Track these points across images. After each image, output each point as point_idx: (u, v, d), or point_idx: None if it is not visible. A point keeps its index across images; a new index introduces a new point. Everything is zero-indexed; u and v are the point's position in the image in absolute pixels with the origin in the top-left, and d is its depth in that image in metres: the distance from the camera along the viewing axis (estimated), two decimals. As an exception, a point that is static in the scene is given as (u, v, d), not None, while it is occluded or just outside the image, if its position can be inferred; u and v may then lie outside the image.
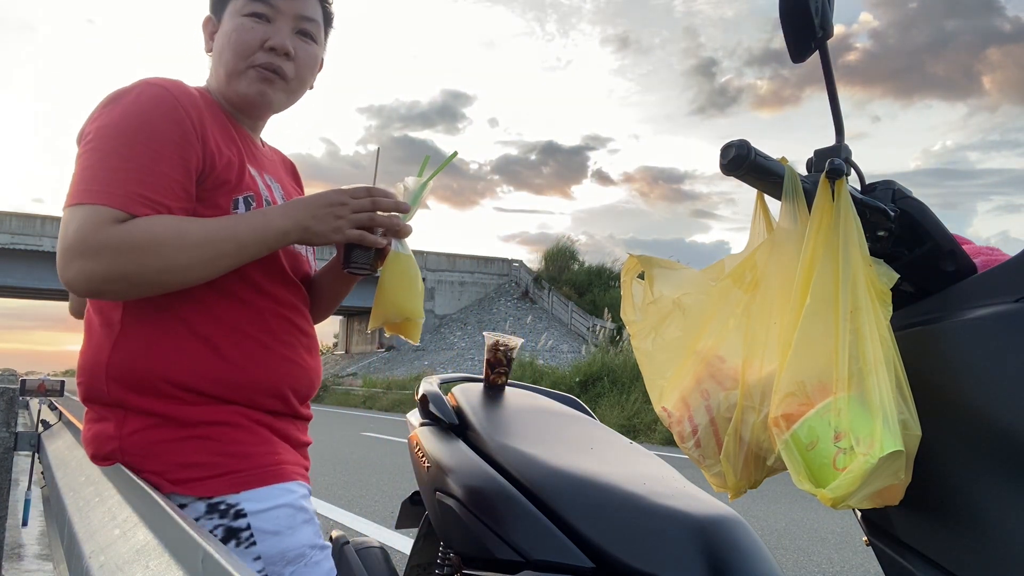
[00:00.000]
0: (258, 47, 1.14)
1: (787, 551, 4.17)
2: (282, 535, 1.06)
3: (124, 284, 1.00)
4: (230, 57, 1.15)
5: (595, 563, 1.12)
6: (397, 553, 3.60)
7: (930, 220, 0.86)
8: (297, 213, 1.07)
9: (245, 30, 1.14)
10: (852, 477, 0.73)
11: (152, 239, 0.99)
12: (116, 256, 0.98)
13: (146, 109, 1.05)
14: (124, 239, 0.98)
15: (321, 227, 1.07)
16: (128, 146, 1.02)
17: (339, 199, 1.08)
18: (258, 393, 1.11)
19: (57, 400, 3.26)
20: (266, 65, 1.14)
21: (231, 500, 1.04)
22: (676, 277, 1.02)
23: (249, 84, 1.15)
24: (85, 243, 0.98)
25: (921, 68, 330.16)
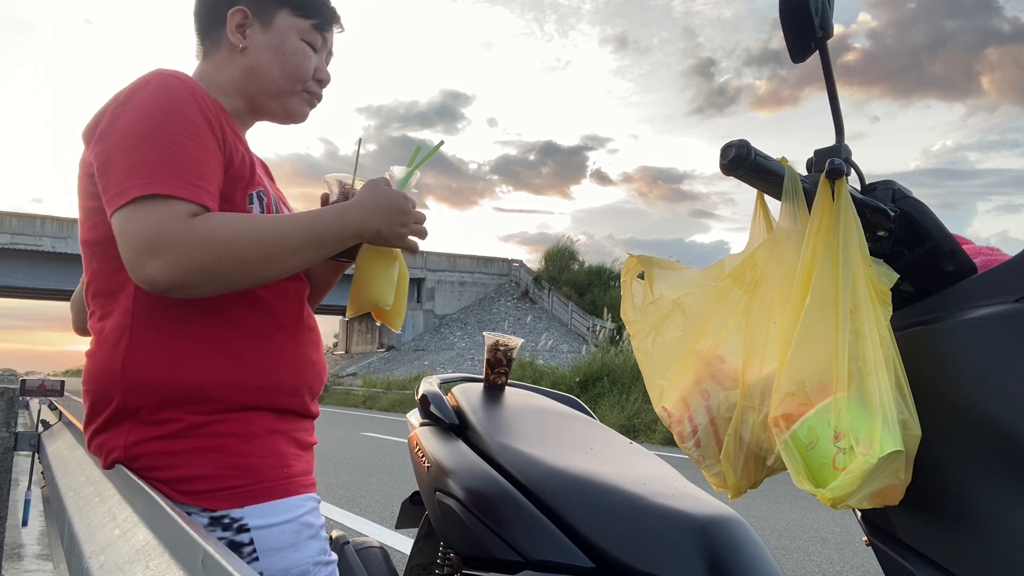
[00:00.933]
0: (311, 76, 1.22)
1: (787, 551, 4.17)
2: (285, 552, 1.05)
3: (203, 277, 0.97)
4: (287, 78, 1.20)
5: (595, 563, 1.12)
6: (397, 553, 3.60)
7: (930, 220, 0.86)
8: (372, 215, 1.09)
9: (306, 57, 1.21)
10: (852, 477, 0.73)
11: (226, 227, 0.99)
12: (197, 249, 0.96)
13: (175, 99, 1.04)
14: (197, 229, 0.97)
15: (390, 233, 1.10)
16: (175, 136, 1.01)
17: (405, 207, 1.12)
18: (275, 392, 1.10)
19: (57, 400, 3.27)
20: (315, 94, 1.25)
21: (235, 514, 1.03)
22: (676, 277, 1.02)
23: (299, 105, 1.23)
24: (163, 237, 0.96)
25: (920, 68, 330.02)
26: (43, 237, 29.52)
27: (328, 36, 1.25)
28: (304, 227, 1.05)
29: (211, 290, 1.01)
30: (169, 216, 0.97)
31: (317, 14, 1.23)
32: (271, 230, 1.02)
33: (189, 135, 1.02)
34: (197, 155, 1.02)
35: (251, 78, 1.19)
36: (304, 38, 1.21)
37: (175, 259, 0.96)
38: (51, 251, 29.63)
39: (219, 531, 1.02)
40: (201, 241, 0.97)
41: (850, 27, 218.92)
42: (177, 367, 1.05)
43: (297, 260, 1.05)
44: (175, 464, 1.04)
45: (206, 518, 1.03)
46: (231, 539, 1.02)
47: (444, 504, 1.36)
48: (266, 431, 1.09)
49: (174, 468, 1.04)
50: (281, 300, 1.14)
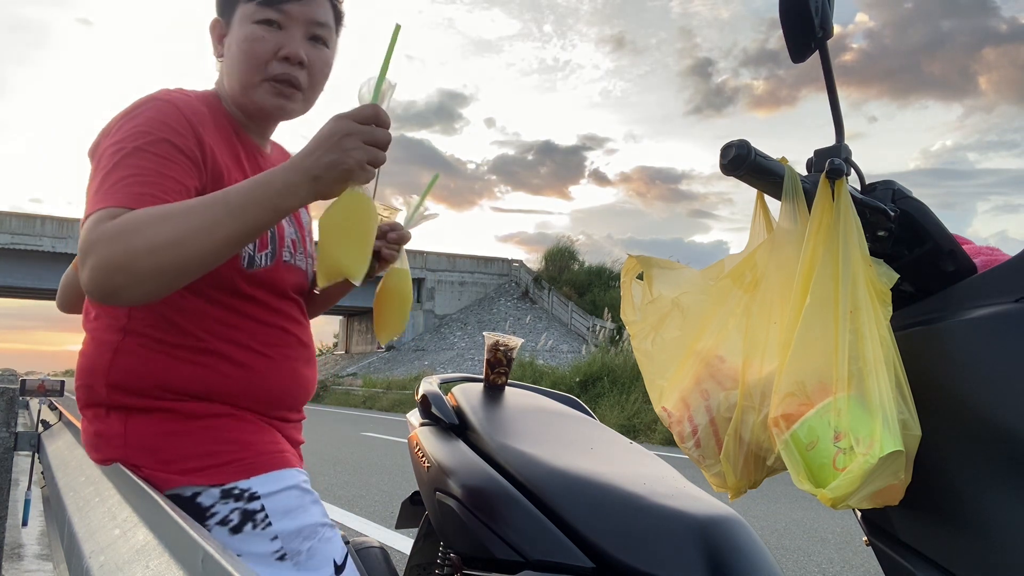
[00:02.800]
0: (271, 57, 1.10)
1: (787, 551, 4.17)
2: (295, 513, 1.09)
3: (124, 276, 0.90)
4: (243, 69, 1.11)
5: (595, 563, 1.12)
6: (397, 553, 3.60)
7: (930, 220, 0.87)
8: (299, 161, 0.93)
9: (257, 39, 1.10)
10: (852, 477, 0.73)
11: (135, 218, 0.92)
12: (107, 245, 0.91)
13: (155, 123, 1.03)
14: (112, 228, 0.91)
15: (331, 171, 0.92)
16: (137, 156, 0.99)
17: (342, 128, 0.92)
18: (258, 403, 1.13)
19: (57, 400, 3.27)
20: (280, 77, 1.11)
21: (243, 485, 1.06)
22: (675, 277, 1.02)
23: (265, 97, 1.12)
24: (86, 244, 0.93)
25: (917, 68, 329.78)
26: (43, 237, 29.52)
27: (294, 9, 1.10)
28: (214, 198, 0.94)
29: (139, 292, 0.92)
30: (94, 222, 0.93)
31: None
32: (183, 207, 0.93)
33: (154, 155, 1.00)
34: (157, 170, 0.99)
35: (228, 82, 1.15)
36: (256, 19, 1.10)
37: (93, 261, 0.91)
38: (51, 251, 29.63)
39: (232, 502, 1.05)
40: (112, 235, 0.91)
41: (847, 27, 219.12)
42: (161, 373, 1.07)
43: (218, 236, 0.91)
44: (175, 444, 1.07)
45: (217, 491, 1.05)
46: (244, 508, 1.05)
47: (444, 504, 1.36)
48: (253, 416, 1.13)
49: (175, 448, 1.06)
50: (273, 315, 1.15)
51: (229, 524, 1.04)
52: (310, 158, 0.92)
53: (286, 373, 1.16)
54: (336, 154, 0.91)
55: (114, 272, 0.90)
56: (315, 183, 0.92)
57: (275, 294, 1.16)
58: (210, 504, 1.04)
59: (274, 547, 1.06)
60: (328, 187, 0.93)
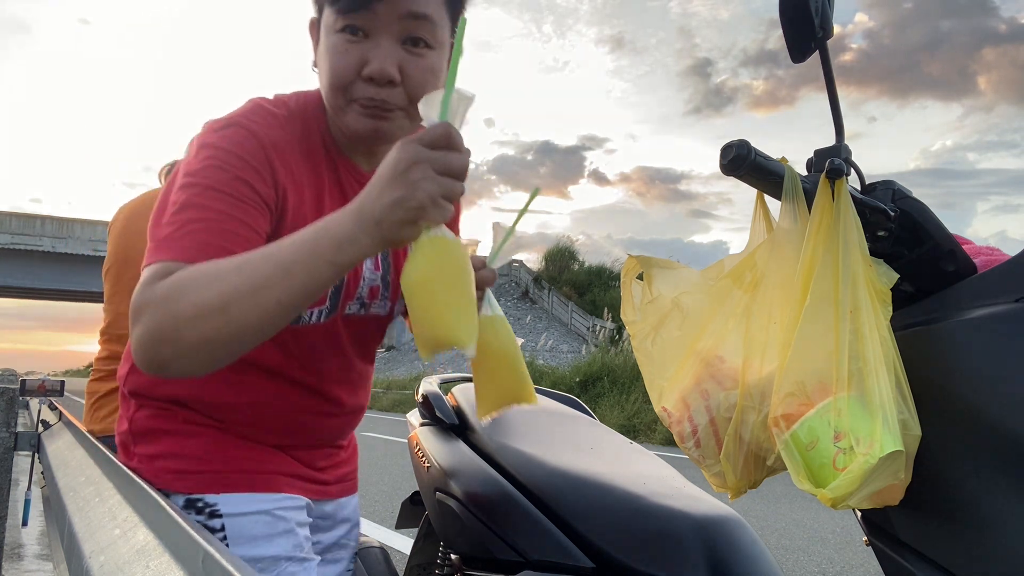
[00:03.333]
0: (355, 76, 0.92)
1: (787, 551, 4.17)
2: (257, 543, 1.02)
3: (170, 349, 0.79)
4: (327, 90, 0.96)
5: (595, 563, 1.12)
6: (397, 553, 3.60)
7: (930, 220, 0.87)
8: (359, 203, 0.76)
9: (338, 54, 0.92)
10: (852, 477, 0.73)
11: (184, 279, 0.80)
12: (153, 312, 0.79)
13: (230, 157, 0.91)
14: (160, 291, 0.80)
15: (397, 212, 0.74)
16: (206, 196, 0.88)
17: (408, 156, 0.74)
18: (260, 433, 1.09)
19: (57, 400, 3.26)
20: (368, 101, 0.93)
21: (209, 499, 1.02)
22: (675, 277, 1.02)
23: (356, 121, 0.95)
24: (133, 306, 0.81)
25: (917, 68, 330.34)
26: (43, 237, 29.50)
27: (380, 7, 0.90)
28: (271, 252, 0.79)
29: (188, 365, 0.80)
30: (146, 281, 0.82)
31: None
32: (232, 264, 0.80)
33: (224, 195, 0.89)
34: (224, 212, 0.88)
35: (324, 100, 1.00)
36: (338, 28, 0.93)
37: (140, 330, 0.80)
38: (51, 251, 29.62)
39: (192, 514, 1.02)
40: (159, 300, 0.80)
41: (847, 27, 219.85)
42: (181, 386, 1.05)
43: (267, 300, 0.77)
44: (163, 441, 1.06)
45: (182, 499, 1.02)
46: (204, 523, 1.01)
47: (444, 504, 1.36)
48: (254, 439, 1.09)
49: (164, 443, 1.05)
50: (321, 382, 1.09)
51: None
52: (370, 198, 0.76)
53: (300, 423, 1.10)
54: (402, 190, 0.74)
55: (159, 343, 0.79)
56: (378, 228, 0.75)
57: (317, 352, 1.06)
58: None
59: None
60: (396, 232, 0.75)
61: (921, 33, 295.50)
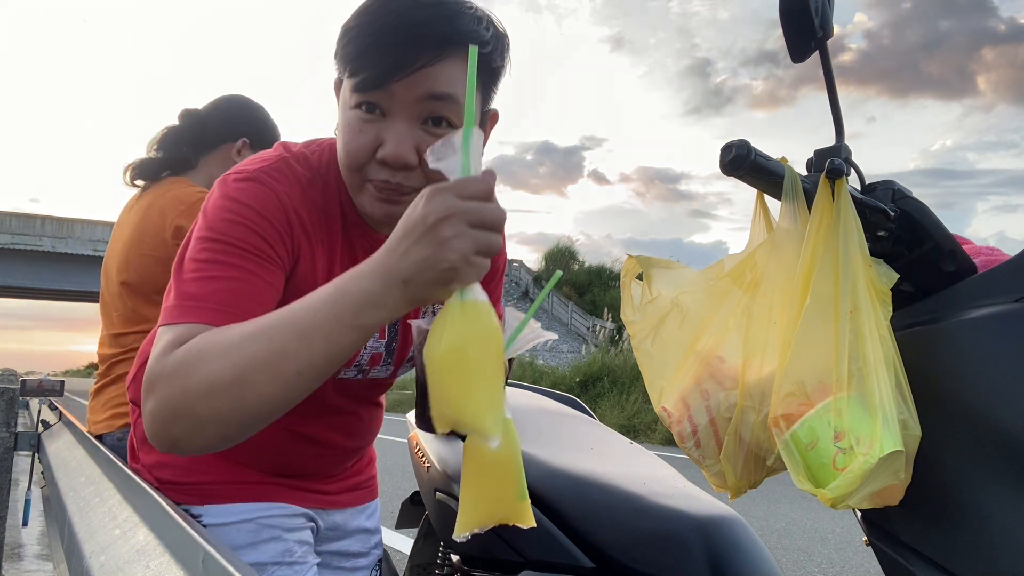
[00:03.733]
0: (369, 157, 0.87)
1: (787, 551, 4.17)
2: (241, 551, 1.02)
3: (184, 425, 0.74)
4: (343, 167, 0.90)
5: (595, 563, 1.12)
6: (397, 553, 3.60)
7: (930, 220, 0.87)
8: (383, 258, 0.70)
9: (354, 133, 0.87)
10: (852, 477, 0.73)
11: (198, 349, 0.75)
12: (166, 385, 0.75)
13: (252, 217, 0.86)
14: (171, 362, 0.75)
15: (427, 272, 0.67)
16: (223, 252, 0.84)
17: (439, 208, 0.66)
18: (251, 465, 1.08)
19: (57, 400, 3.27)
20: (382, 184, 0.86)
21: (195, 510, 1.03)
22: (675, 277, 1.02)
23: (371, 203, 0.89)
24: (147, 376, 0.77)
25: (916, 68, 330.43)
26: (43, 237, 29.51)
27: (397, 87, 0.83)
28: (287, 318, 0.73)
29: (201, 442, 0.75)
30: (161, 349, 0.78)
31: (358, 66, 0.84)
32: (247, 332, 0.74)
33: (244, 251, 0.85)
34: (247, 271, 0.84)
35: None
36: (353, 105, 0.87)
37: (152, 404, 0.76)
38: (51, 251, 29.63)
39: None
40: (171, 372, 0.75)
41: (846, 27, 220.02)
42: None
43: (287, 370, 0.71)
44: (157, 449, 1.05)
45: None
46: None
47: (444, 504, 1.36)
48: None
49: (155, 452, 1.06)
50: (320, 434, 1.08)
51: None
52: (395, 255, 0.69)
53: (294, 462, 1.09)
54: (432, 247, 0.66)
55: (171, 420, 0.75)
56: (406, 288, 0.69)
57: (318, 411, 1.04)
58: None
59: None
60: (424, 292, 0.69)
61: (920, 33, 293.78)
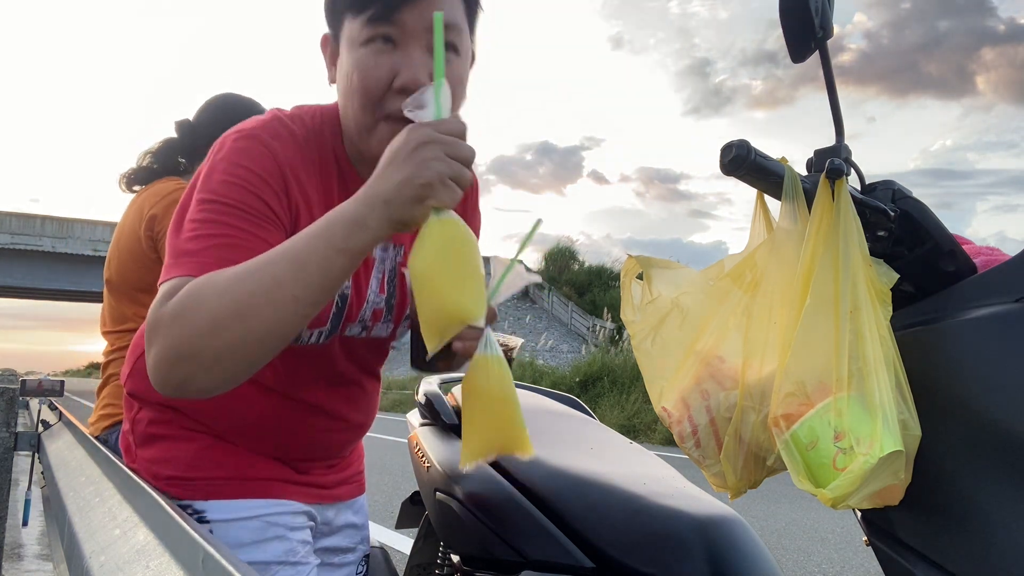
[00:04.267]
0: (386, 88, 0.89)
1: (787, 551, 4.17)
2: (246, 549, 1.02)
3: (191, 365, 0.78)
4: (355, 107, 0.92)
5: (595, 563, 1.12)
6: (397, 553, 3.60)
7: (930, 220, 0.87)
8: (367, 187, 0.77)
9: (367, 68, 0.89)
10: (852, 477, 0.73)
11: (195, 291, 0.79)
12: (168, 329, 0.78)
13: (248, 175, 0.89)
14: (172, 308, 0.79)
15: (406, 189, 0.74)
16: (219, 211, 0.87)
17: (419, 136, 0.75)
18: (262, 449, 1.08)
19: (57, 400, 3.27)
20: (400, 115, 0.84)
21: (198, 506, 1.02)
22: (675, 277, 1.02)
23: (383, 143, 0.85)
24: (147, 326, 0.81)
25: (915, 68, 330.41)
26: (43, 237, 29.51)
27: (408, 17, 0.87)
28: (280, 251, 0.78)
29: (209, 381, 0.79)
30: (159, 300, 0.81)
31: (367, 1, 0.88)
32: (242, 270, 0.79)
33: (242, 210, 0.88)
34: (242, 228, 0.87)
35: (344, 120, 0.97)
36: (363, 40, 0.89)
37: (155, 351, 0.79)
38: (51, 251, 29.62)
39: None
40: (172, 316, 0.78)
41: (845, 27, 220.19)
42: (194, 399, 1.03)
43: (283, 298, 0.76)
44: (159, 444, 1.05)
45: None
46: None
47: (444, 504, 1.36)
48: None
49: (158, 447, 1.05)
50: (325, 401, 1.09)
51: None
52: (379, 179, 0.76)
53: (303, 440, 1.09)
54: (411, 168, 0.74)
55: (177, 362, 0.78)
56: (387, 208, 0.75)
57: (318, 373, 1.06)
58: None
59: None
60: (404, 210, 0.75)
61: (919, 33, 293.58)
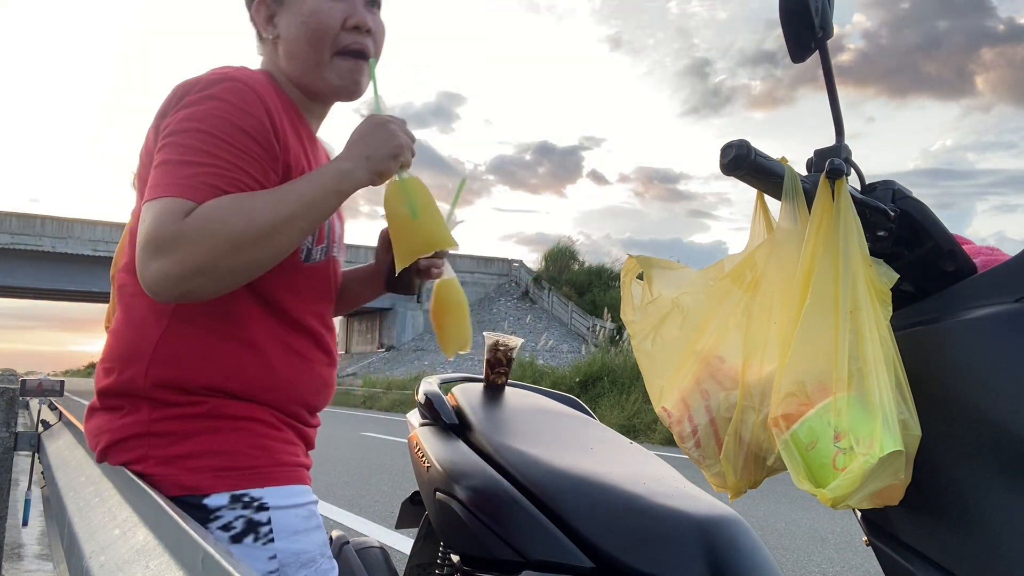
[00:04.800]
0: (339, 28, 1.09)
1: (787, 551, 4.17)
2: (299, 536, 1.05)
3: (204, 278, 0.92)
4: (312, 45, 1.10)
5: (595, 563, 1.12)
6: (397, 553, 3.60)
7: (930, 220, 0.87)
8: (348, 150, 1.02)
9: (323, 12, 1.09)
10: (852, 477, 0.73)
11: (216, 218, 0.92)
12: (185, 247, 0.91)
13: (234, 109, 1.00)
14: (190, 226, 0.91)
15: (383, 148, 1.02)
16: (215, 144, 0.98)
17: (380, 119, 1.04)
18: (290, 402, 1.11)
19: (57, 400, 3.27)
20: (352, 47, 1.10)
21: (255, 493, 1.02)
22: (675, 277, 1.02)
23: (340, 75, 1.11)
24: (158, 238, 0.91)
25: (914, 68, 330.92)
26: (43, 237, 29.50)
27: None
28: (288, 194, 0.97)
29: (212, 291, 0.95)
30: (168, 215, 0.92)
31: None
32: (260, 201, 0.95)
33: (231, 144, 0.98)
34: (233, 162, 0.98)
35: (291, 63, 1.12)
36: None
37: (169, 262, 0.91)
38: (51, 251, 29.61)
39: (239, 508, 1.01)
40: (195, 234, 0.91)
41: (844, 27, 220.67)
42: (206, 362, 1.04)
43: (295, 230, 0.97)
44: (199, 438, 1.03)
45: (227, 496, 1.01)
46: (250, 517, 1.01)
47: (444, 504, 1.36)
48: (281, 422, 1.11)
49: (198, 443, 1.02)
50: (312, 320, 1.14)
51: (232, 531, 1.00)
52: (359, 144, 1.02)
53: (317, 378, 1.14)
54: (383, 134, 1.02)
55: (195, 274, 0.92)
56: (368, 162, 1.01)
57: (318, 293, 1.15)
58: (216, 507, 1.00)
59: (271, 566, 1.01)
60: (383, 164, 1.02)
61: (918, 33, 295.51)
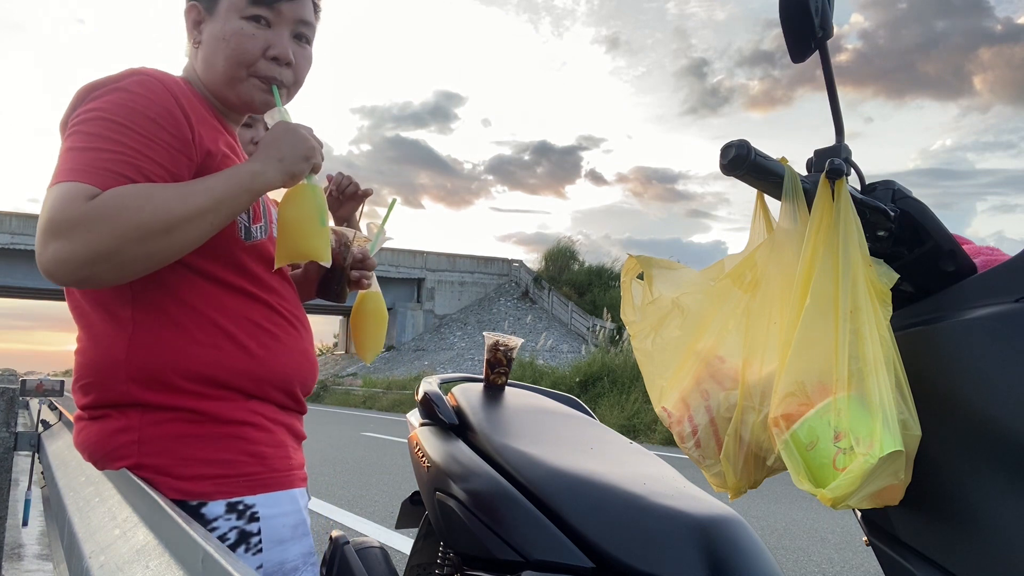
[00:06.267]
0: (260, 55, 1.11)
1: (787, 551, 4.17)
2: (285, 545, 1.06)
3: (106, 264, 0.91)
4: (229, 64, 1.11)
5: (595, 563, 1.12)
6: (397, 553, 3.60)
7: (930, 220, 0.87)
8: (262, 151, 1.04)
9: (246, 36, 1.10)
10: (852, 477, 0.73)
11: (123, 205, 0.91)
12: (88, 231, 0.90)
13: (140, 99, 1.01)
14: (94, 211, 0.90)
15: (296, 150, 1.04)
16: (120, 132, 0.98)
17: (292, 126, 1.07)
18: (273, 387, 1.11)
19: (57, 400, 3.27)
20: (267, 76, 1.12)
21: (248, 500, 1.04)
22: (675, 277, 1.02)
23: (251, 91, 1.13)
24: (58, 221, 0.90)
25: (913, 68, 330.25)
26: (43, 237, 29.43)
27: (285, 8, 1.12)
28: (198, 187, 0.98)
29: (115, 279, 0.95)
30: (67, 199, 0.91)
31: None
32: (170, 192, 0.95)
33: (140, 133, 0.98)
34: (139, 150, 0.97)
35: (206, 71, 1.14)
36: (245, 15, 1.10)
37: (68, 246, 0.90)
38: (51, 251, 29.54)
39: (233, 519, 1.02)
40: (96, 218, 0.90)
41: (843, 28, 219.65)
42: (182, 354, 1.03)
43: (205, 225, 0.97)
44: (192, 447, 1.03)
45: (223, 505, 1.02)
46: (242, 528, 1.03)
47: (444, 504, 1.36)
48: (272, 422, 1.10)
49: (191, 451, 1.02)
50: (276, 298, 1.14)
51: (225, 542, 1.02)
52: (272, 147, 1.04)
53: (297, 354, 1.15)
54: (297, 137, 1.05)
55: (97, 260, 0.91)
56: (281, 163, 1.03)
57: (268, 268, 1.15)
58: (213, 517, 1.02)
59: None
60: (295, 165, 1.04)
61: (916, 33, 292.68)
